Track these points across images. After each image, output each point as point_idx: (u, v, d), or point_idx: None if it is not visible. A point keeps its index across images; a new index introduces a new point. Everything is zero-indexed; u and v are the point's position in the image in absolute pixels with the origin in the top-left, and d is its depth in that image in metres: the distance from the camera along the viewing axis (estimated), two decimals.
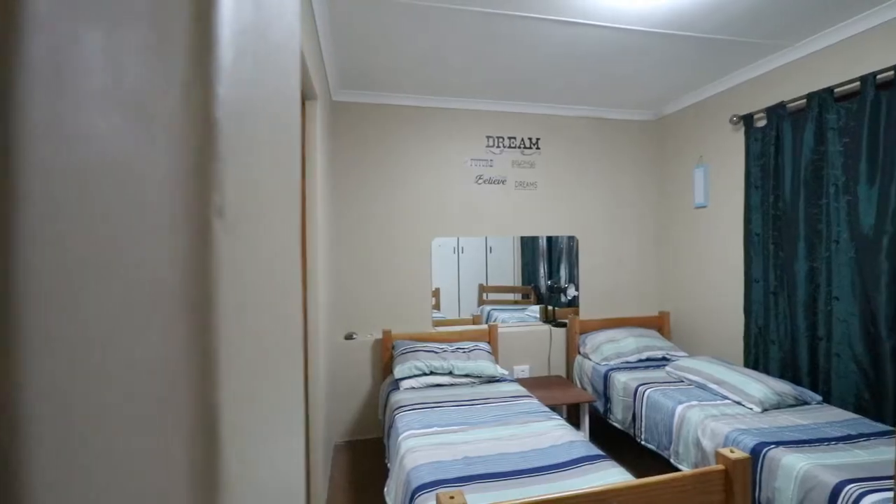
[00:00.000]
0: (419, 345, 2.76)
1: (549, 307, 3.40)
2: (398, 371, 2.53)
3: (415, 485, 1.52)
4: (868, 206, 2.05)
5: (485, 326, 3.09)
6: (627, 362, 2.88)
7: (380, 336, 2.96)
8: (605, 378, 2.77)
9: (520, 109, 3.32)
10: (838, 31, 2.21)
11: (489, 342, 2.99)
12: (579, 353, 3.17)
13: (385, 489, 1.89)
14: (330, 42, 2.28)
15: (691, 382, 2.46)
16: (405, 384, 2.49)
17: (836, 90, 2.21)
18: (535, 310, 3.51)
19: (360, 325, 3.02)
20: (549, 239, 3.53)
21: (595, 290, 3.45)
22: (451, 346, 2.77)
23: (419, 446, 1.80)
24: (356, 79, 2.78)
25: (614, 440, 2.82)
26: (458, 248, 3.45)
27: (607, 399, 2.73)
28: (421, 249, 3.13)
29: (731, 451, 1.11)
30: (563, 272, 3.55)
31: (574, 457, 1.69)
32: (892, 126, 1.96)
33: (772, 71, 2.60)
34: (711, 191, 3.05)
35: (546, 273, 3.60)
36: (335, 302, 2.95)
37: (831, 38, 2.25)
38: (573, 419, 2.91)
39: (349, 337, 2.96)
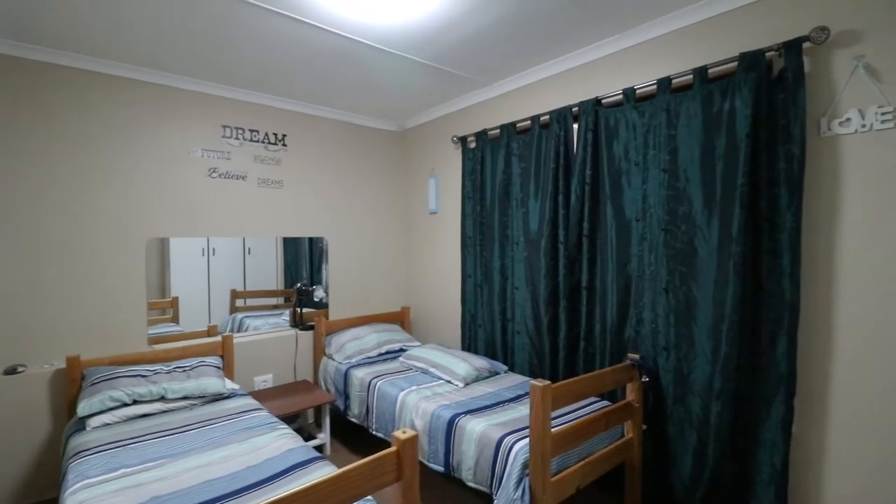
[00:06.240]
0: (122, 370, 2.26)
1: (298, 310, 3.29)
2: (83, 407, 2.01)
3: None
4: (534, 216, 2.67)
5: (217, 338, 2.77)
6: (368, 357, 3.04)
7: (63, 365, 2.31)
8: (346, 376, 2.85)
9: (263, 101, 3.11)
10: (519, 78, 2.80)
11: (222, 355, 2.69)
12: (325, 354, 3.18)
13: None
14: None
15: (417, 369, 2.76)
16: (94, 422, 2.00)
17: (518, 124, 2.81)
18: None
19: (36, 352, 2.30)
20: (311, 240, 3.43)
21: (345, 289, 3.52)
22: (169, 367, 2.37)
23: (92, 498, 1.46)
24: (34, 30, 2.09)
25: (356, 435, 2.93)
26: (208, 249, 3.01)
27: (347, 396, 2.81)
28: (131, 252, 2.58)
29: (403, 433, 1.24)
30: (324, 273, 3.50)
31: (288, 465, 1.65)
32: (548, 157, 2.58)
33: (480, 102, 3.13)
34: (441, 199, 3.49)
35: (308, 275, 3.48)
36: None
37: (516, 83, 2.84)
38: (319, 421, 2.89)
39: (12, 371, 2.22)
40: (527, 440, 1.73)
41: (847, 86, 1.64)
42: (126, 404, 2.10)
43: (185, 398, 2.22)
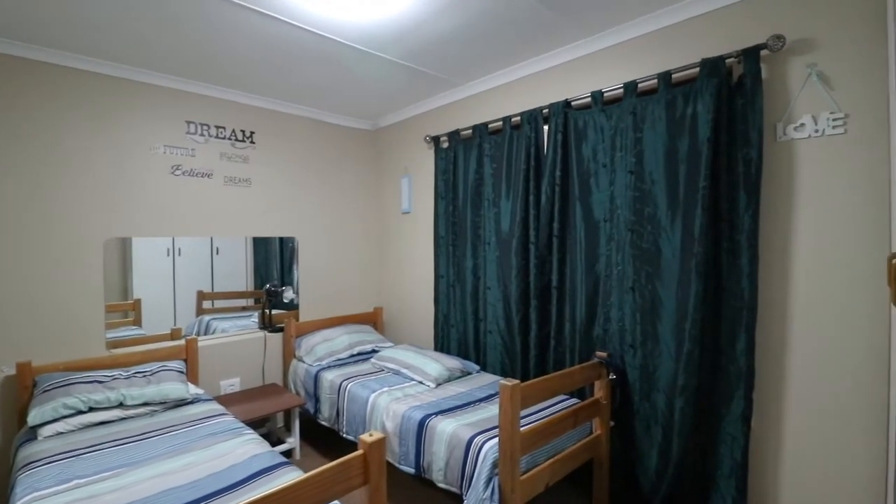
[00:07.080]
0: (77, 376, 2.15)
1: (267, 312, 3.22)
2: (34, 416, 1.91)
3: None
4: (506, 216, 2.69)
5: (181, 342, 2.67)
6: (339, 359, 2.99)
7: (12, 372, 2.18)
8: (316, 378, 2.80)
9: (230, 97, 3.02)
10: (491, 79, 2.81)
11: (185, 359, 2.60)
12: (295, 356, 3.12)
13: None
14: None
15: (389, 370, 2.74)
16: (47, 431, 1.90)
17: (490, 125, 2.82)
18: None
19: None
20: (281, 240, 3.35)
21: (317, 290, 3.46)
22: (128, 372, 2.27)
23: None
24: None
25: (327, 439, 2.89)
26: (173, 249, 2.89)
27: (317, 399, 2.76)
28: (88, 252, 2.46)
29: (370, 435, 1.23)
30: (294, 274, 3.43)
31: (253, 472, 1.61)
32: (519, 157, 2.60)
33: (453, 102, 3.12)
34: (414, 199, 3.47)
35: (279, 275, 3.40)
36: None
37: (489, 84, 2.85)
38: (289, 426, 2.83)
39: None
40: (496, 439, 1.73)
41: (801, 92, 1.71)
42: (81, 412, 2.00)
43: (145, 404, 2.14)
